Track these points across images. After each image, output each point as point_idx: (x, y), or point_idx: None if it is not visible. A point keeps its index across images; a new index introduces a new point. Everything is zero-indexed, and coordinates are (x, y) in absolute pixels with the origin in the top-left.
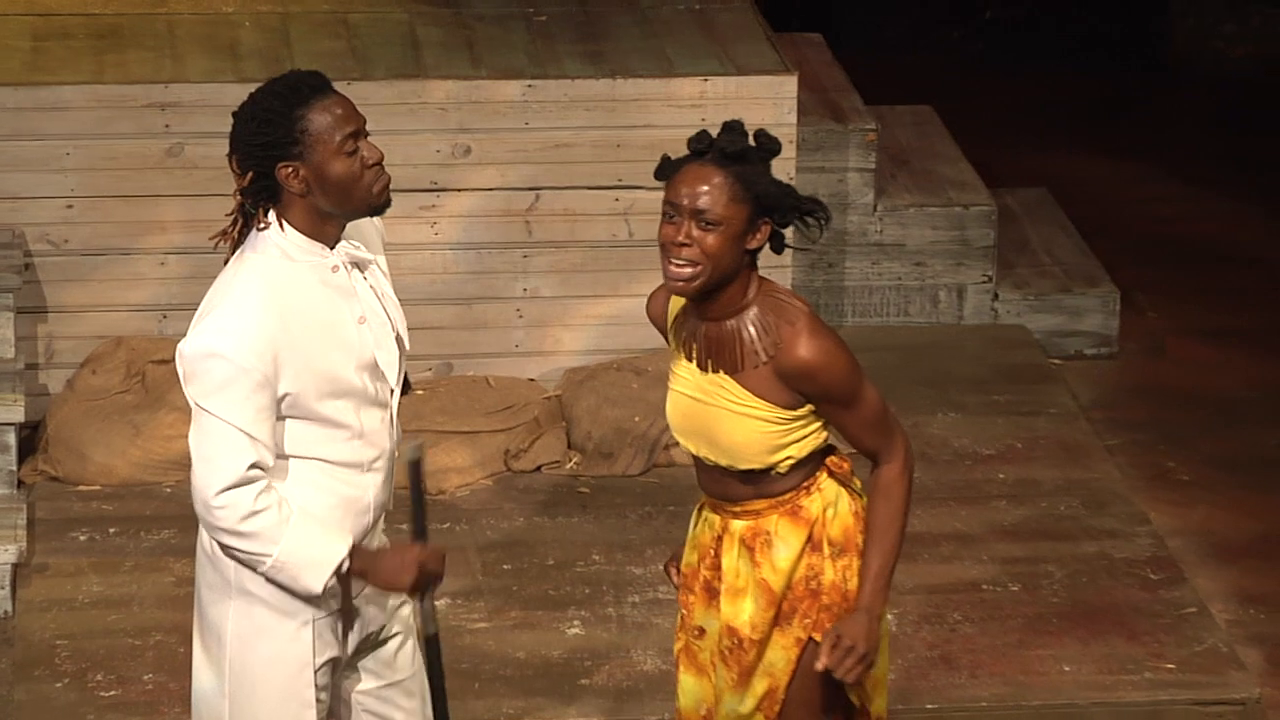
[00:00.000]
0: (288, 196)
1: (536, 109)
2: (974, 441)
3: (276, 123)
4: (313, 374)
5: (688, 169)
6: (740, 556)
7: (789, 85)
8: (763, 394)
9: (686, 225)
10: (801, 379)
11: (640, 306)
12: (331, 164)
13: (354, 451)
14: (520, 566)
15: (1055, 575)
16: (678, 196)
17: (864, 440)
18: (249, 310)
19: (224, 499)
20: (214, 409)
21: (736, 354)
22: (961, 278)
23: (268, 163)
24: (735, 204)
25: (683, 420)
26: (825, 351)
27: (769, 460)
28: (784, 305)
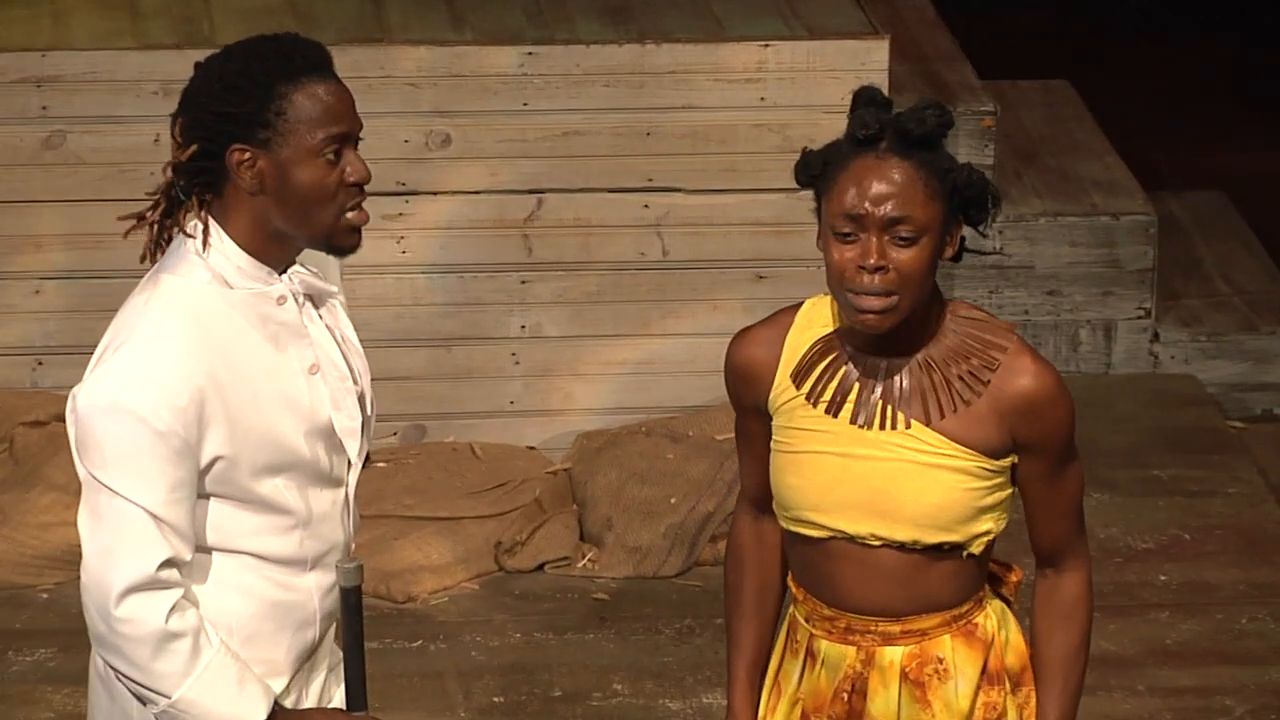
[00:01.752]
0: (232, 192)
1: (538, 85)
2: (1127, 531)
3: (248, 92)
4: (247, 440)
5: (859, 165)
6: (904, 698)
7: (878, 53)
8: (965, 438)
9: (876, 242)
10: (1024, 414)
11: (678, 349)
12: (301, 165)
13: (296, 545)
14: (517, 699)
15: (1236, 712)
16: (858, 205)
17: (1052, 529)
18: (167, 353)
19: (128, 607)
20: (115, 484)
21: (941, 396)
22: (1110, 311)
23: (221, 139)
24: (933, 203)
25: (831, 491)
26: (1055, 381)
27: (969, 530)
28: (986, 323)
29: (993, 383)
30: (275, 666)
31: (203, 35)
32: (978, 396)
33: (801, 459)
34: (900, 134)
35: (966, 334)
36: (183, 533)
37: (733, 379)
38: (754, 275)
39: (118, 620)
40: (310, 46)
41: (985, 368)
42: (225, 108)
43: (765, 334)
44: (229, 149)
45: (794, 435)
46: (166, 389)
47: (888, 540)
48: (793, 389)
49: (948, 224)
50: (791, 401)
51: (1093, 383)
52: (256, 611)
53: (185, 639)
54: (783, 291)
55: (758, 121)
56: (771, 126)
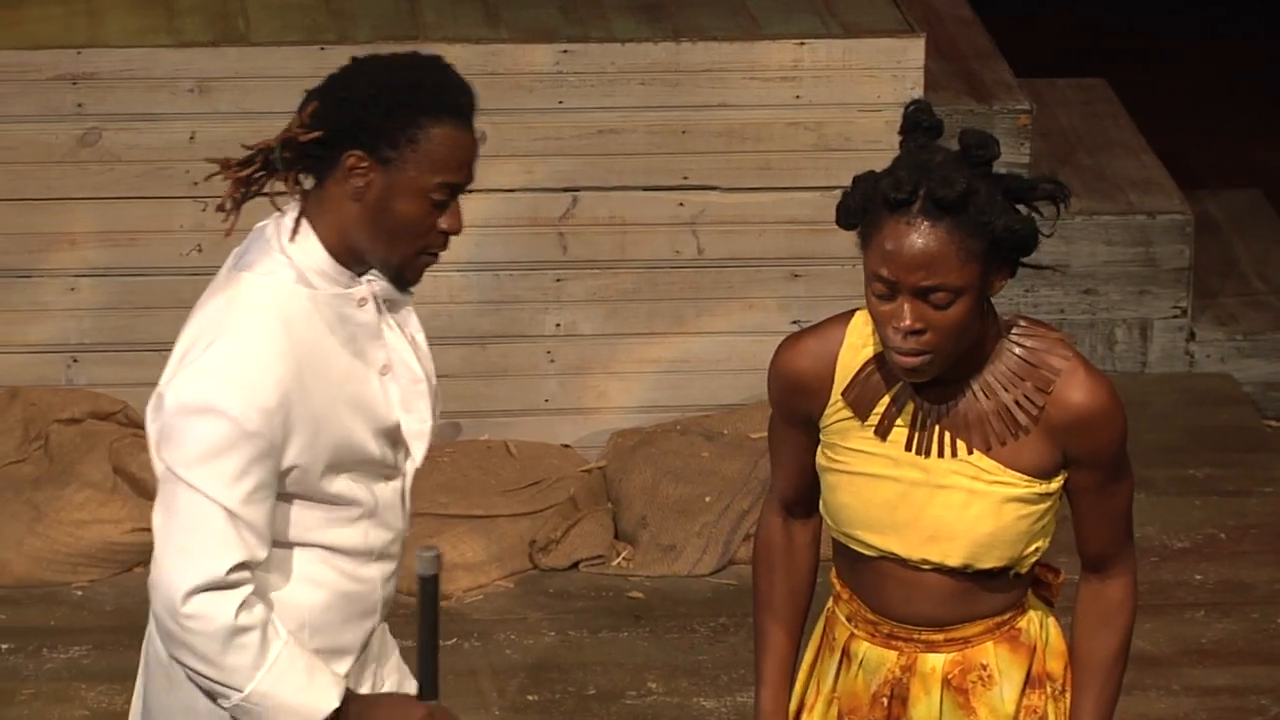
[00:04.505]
0: (332, 190)
1: (574, 83)
2: (1162, 530)
3: (392, 111)
4: (324, 443)
5: (893, 229)
6: (946, 704)
7: (914, 51)
8: (1020, 463)
9: (911, 305)
10: (1076, 431)
11: (713, 347)
12: (407, 197)
13: (362, 536)
14: (551, 697)
15: (1271, 711)
16: (892, 272)
17: (1101, 536)
18: (259, 354)
19: (196, 605)
20: (198, 482)
21: (997, 423)
22: (1146, 310)
23: (346, 139)
24: (969, 264)
25: (885, 515)
26: (1108, 396)
27: (1021, 553)
28: (1040, 339)
29: (1049, 403)
30: (339, 656)
31: (238, 32)
32: (1034, 421)
33: (857, 480)
34: (933, 199)
35: (1023, 354)
36: (260, 533)
37: (783, 388)
38: (789, 274)
39: (185, 617)
40: (463, 90)
41: (1040, 390)
42: (364, 114)
43: (817, 348)
44: (350, 151)
45: (848, 455)
46: (258, 390)
47: (939, 565)
48: (846, 409)
49: (988, 274)
50: (845, 421)
51: (1128, 382)
52: (326, 602)
53: (254, 632)
54: (818, 290)
55: (793, 120)
56: (807, 125)
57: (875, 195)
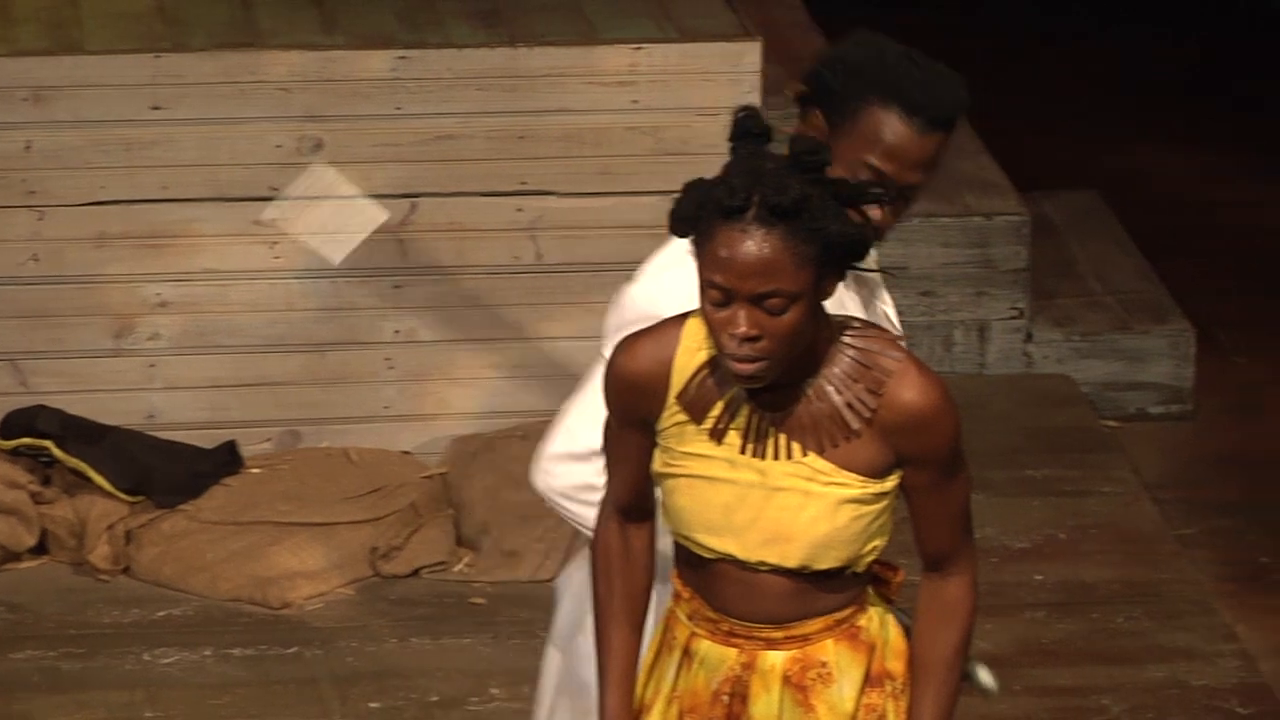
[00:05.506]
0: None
1: (411, 89)
2: (1002, 531)
3: (850, 84)
4: None
5: (728, 236)
6: (785, 702)
7: (750, 55)
8: (854, 463)
9: (747, 312)
10: (908, 430)
11: (553, 353)
12: (840, 167)
13: None
14: (394, 705)
15: (1112, 711)
16: (727, 279)
17: (939, 535)
18: None
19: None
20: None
21: (831, 424)
22: (984, 312)
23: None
24: (804, 269)
25: (722, 516)
26: (940, 395)
27: (859, 552)
28: (872, 340)
29: (881, 404)
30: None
31: (73, 40)
32: (867, 422)
33: (694, 484)
34: (767, 206)
35: (855, 356)
36: None
37: (619, 391)
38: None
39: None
40: (935, 100)
41: (872, 391)
42: (832, 77)
43: (653, 350)
44: (814, 109)
45: (684, 459)
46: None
47: (777, 567)
48: (682, 413)
49: (821, 279)
50: (682, 425)
51: (967, 383)
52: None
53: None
54: None
55: (631, 124)
56: (644, 129)
57: (708, 203)
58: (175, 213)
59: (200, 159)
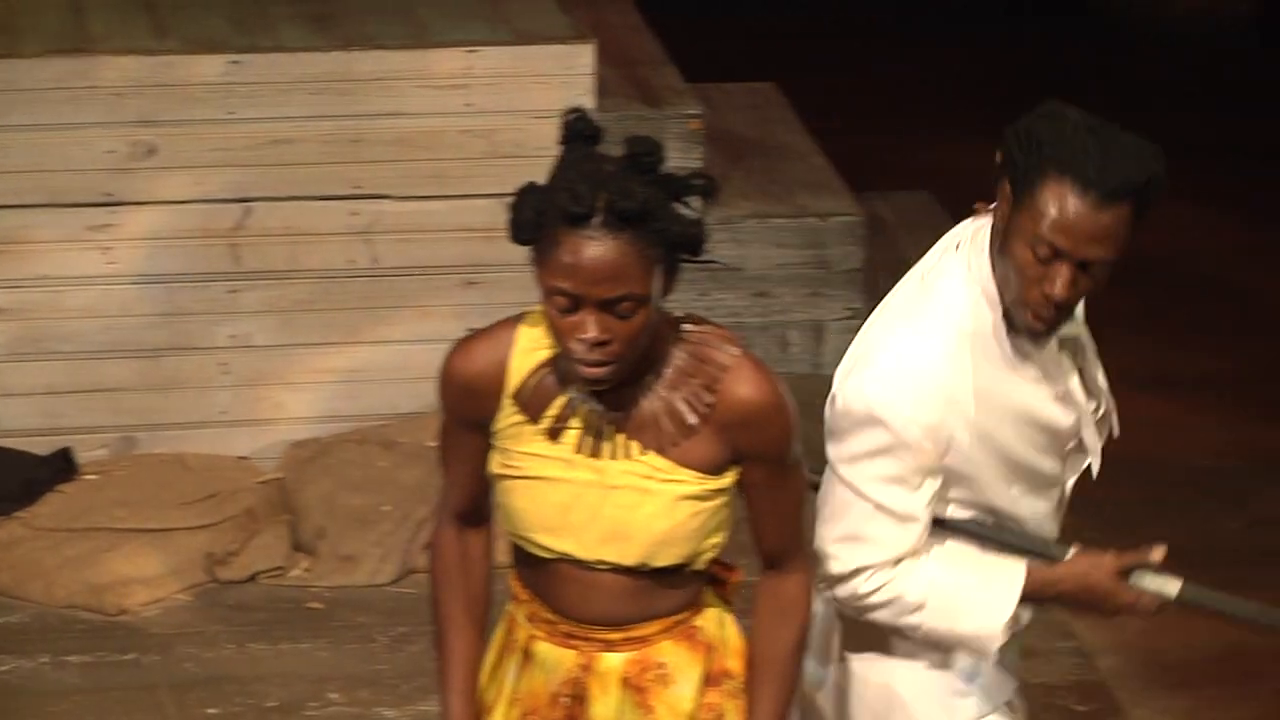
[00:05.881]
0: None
1: (244, 93)
2: None
3: (1033, 159)
4: (991, 457)
5: (574, 242)
6: (624, 702)
7: (584, 57)
8: (691, 460)
9: (596, 316)
10: (744, 426)
11: (389, 356)
12: (1020, 240)
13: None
14: (231, 710)
15: None
16: (576, 285)
17: (776, 532)
18: (932, 366)
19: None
20: (853, 479)
21: (667, 421)
22: (819, 312)
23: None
24: (650, 272)
25: (560, 516)
26: (775, 391)
27: (697, 550)
28: (707, 338)
29: (717, 400)
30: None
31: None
32: (703, 419)
33: (531, 484)
34: (613, 211)
35: (690, 353)
36: (905, 532)
37: (454, 392)
38: (464, 281)
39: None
40: (1110, 173)
41: (708, 388)
42: (1018, 149)
43: (488, 351)
44: (1004, 179)
45: (521, 459)
46: (921, 404)
47: (616, 565)
48: (518, 413)
49: (667, 275)
50: (518, 425)
51: (802, 383)
52: None
53: (887, 593)
54: (494, 297)
55: (465, 127)
56: (478, 132)
57: (551, 209)
58: (8, 219)
59: (33, 165)
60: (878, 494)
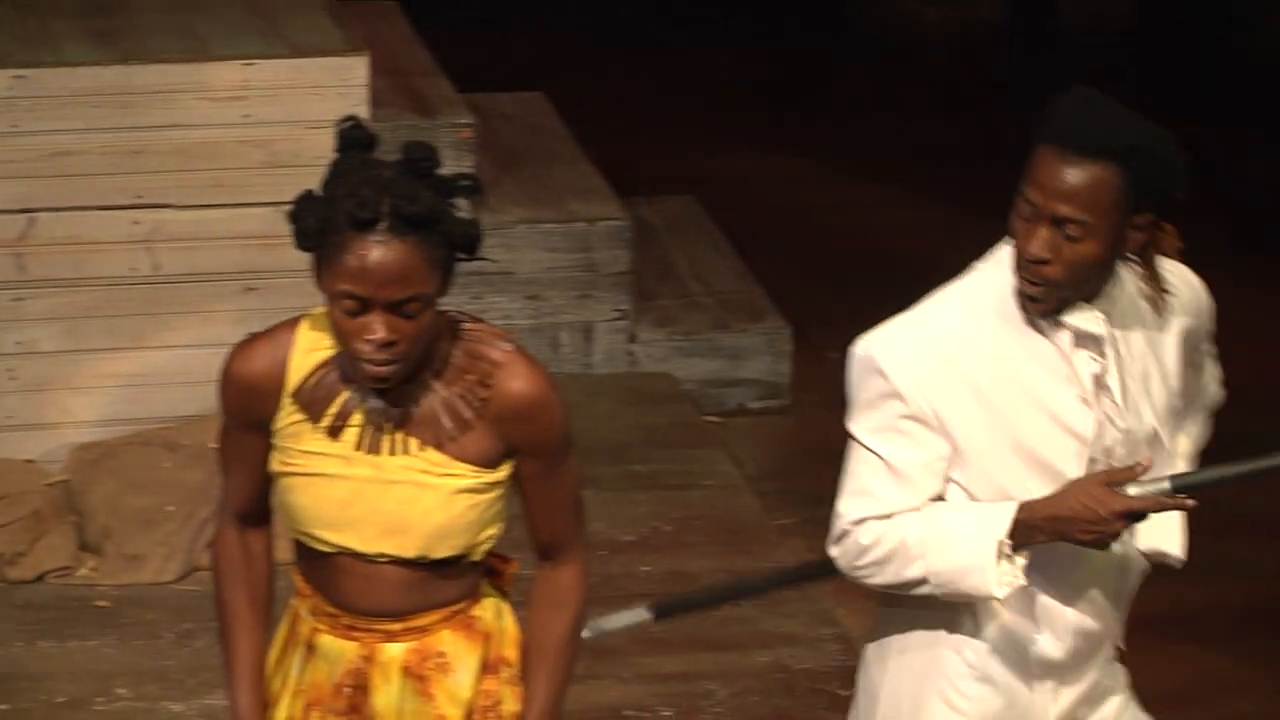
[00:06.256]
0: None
1: (27, 107)
2: (610, 525)
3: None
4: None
5: (362, 247)
6: (405, 691)
7: (358, 69)
8: (467, 454)
9: (384, 318)
10: (518, 420)
11: (172, 360)
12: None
13: None
14: (21, 706)
15: (718, 695)
16: (365, 289)
17: (550, 524)
18: (942, 324)
19: (841, 542)
20: (855, 430)
21: (443, 417)
22: (588, 314)
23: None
24: (435, 271)
25: (341, 513)
26: (547, 385)
27: (474, 541)
28: (481, 335)
29: (490, 395)
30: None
31: None
32: (478, 414)
33: (312, 481)
34: (400, 217)
35: (464, 350)
36: (905, 485)
37: (235, 393)
38: (244, 288)
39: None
40: (1084, 129)
41: (482, 383)
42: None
43: (268, 352)
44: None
45: (301, 458)
46: (917, 354)
47: (395, 558)
48: (299, 412)
49: (447, 275)
50: (299, 424)
51: (573, 383)
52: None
53: (883, 545)
54: (274, 302)
55: (243, 138)
56: (256, 142)
57: (336, 215)
58: None
59: None
60: (875, 444)
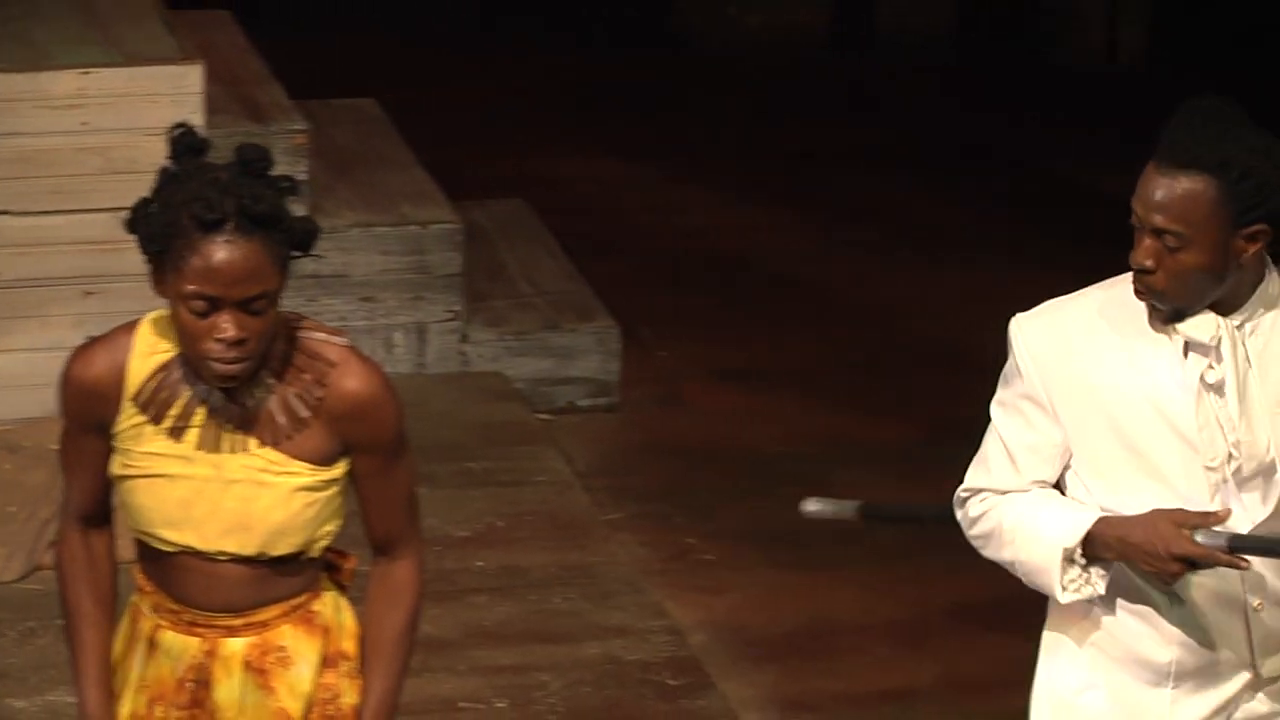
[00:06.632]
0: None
1: None
2: (444, 521)
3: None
4: (1100, 424)
5: (211, 248)
6: (246, 685)
7: (192, 77)
8: (302, 453)
9: (234, 317)
10: (352, 418)
11: (12, 364)
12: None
13: None
14: None
15: (551, 686)
16: (215, 288)
17: (386, 520)
18: (1069, 312)
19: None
20: (994, 402)
21: (281, 416)
22: (422, 315)
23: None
24: (279, 267)
25: (182, 512)
26: (381, 383)
27: (313, 537)
28: (316, 334)
29: (326, 395)
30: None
31: None
32: (314, 412)
33: (154, 483)
34: (247, 216)
35: (300, 350)
36: (1019, 465)
37: (75, 396)
38: (83, 292)
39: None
40: (1179, 143)
41: (318, 382)
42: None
43: (107, 356)
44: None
45: (142, 459)
46: (1040, 337)
47: (236, 555)
48: (139, 414)
49: (286, 272)
50: (139, 426)
51: (408, 383)
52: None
53: (989, 521)
54: (112, 306)
55: (81, 145)
56: (94, 149)
57: (180, 219)
58: None
59: None
60: (998, 419)
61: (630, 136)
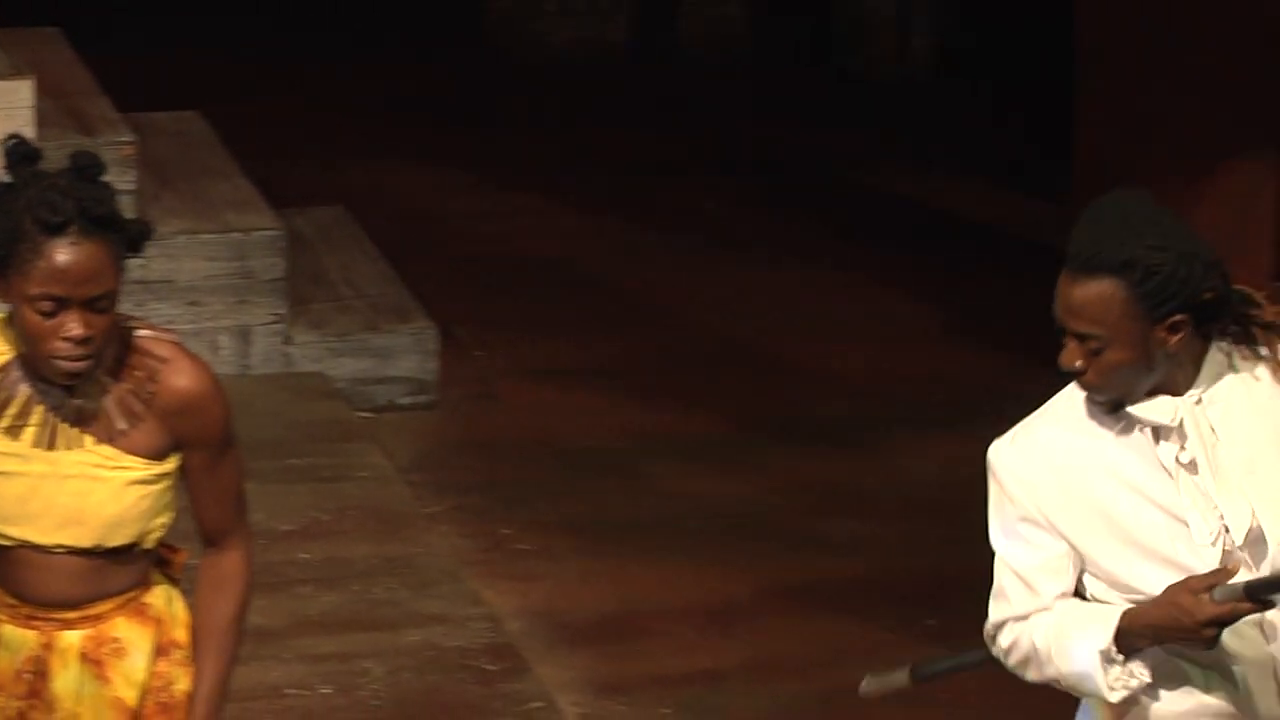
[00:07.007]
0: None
1: None
2: (270, 516)
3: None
4: (1105, 529)
5: (57, 250)
6: (83, 675)
7: (23, 92)
8: (135, 448)
9: (81, 316)
10: (183, 413)
11: None
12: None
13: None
14: None
15: (374, 672)
16: (64, 289)
17: (215, 512)
18: (1048, 432)
19: (995, 641)
20: (992, 537)
21: (114, 412)
22: (246, 318)
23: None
24: (119, 266)
25: (17, 507)
26: (209, 380)
27: (146, 530)
28: (146, 333)
29: (157, 391)
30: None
31: None
32: (145, 406)
33: None
34: (88, 218)
35: (132, 348)
36: (1033, 587)
37: None
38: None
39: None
40: (1081, 248)
41: (149, 379)
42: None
43: None
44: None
45: None
46: (1025, 459)
47: (72, 548)
48: None
49: (124, 271)
50: None
51: (233, 384)
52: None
53: (1022, 648)
54: None
55: None
56: None
57: (25, 222)
58: None
59: None
60: (1000, 547)
61: (446, 145)
